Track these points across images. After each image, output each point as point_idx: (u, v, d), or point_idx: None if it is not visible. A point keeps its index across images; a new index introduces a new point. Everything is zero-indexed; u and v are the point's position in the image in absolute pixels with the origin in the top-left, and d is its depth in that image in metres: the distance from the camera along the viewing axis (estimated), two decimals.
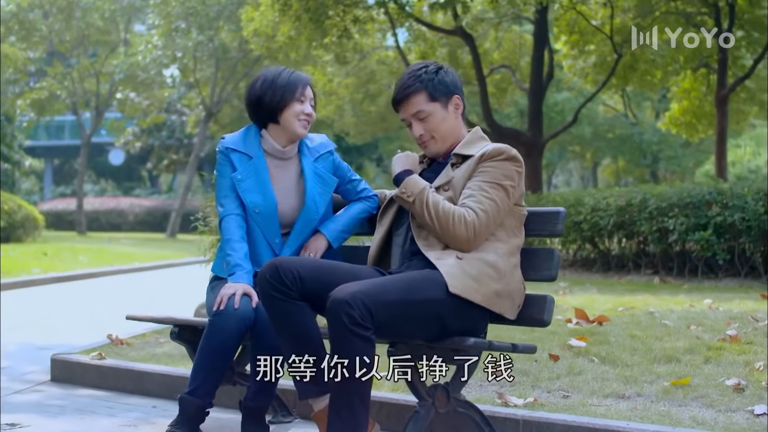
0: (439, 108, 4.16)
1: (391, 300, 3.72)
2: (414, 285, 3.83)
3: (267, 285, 3.92)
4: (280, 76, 4.53)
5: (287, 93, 4.49)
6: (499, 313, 4.01)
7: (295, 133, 4.52)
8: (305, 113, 4.52)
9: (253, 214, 4.50)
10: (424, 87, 4.15)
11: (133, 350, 6.95)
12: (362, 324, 3.62)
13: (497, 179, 3.99)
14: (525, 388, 5.13)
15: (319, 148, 4.69)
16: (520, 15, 23.39)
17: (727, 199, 11.50)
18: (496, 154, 4.03)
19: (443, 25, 22.14)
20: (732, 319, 7.13)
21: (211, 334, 4.24)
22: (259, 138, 4.61)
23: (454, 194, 4.06)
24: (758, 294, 9.73)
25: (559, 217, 4.31)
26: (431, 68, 4.20)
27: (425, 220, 3.99)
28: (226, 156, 4.57)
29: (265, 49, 21.79)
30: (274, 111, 4.50)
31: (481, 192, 3.97)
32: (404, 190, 4.05)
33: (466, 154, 4.13)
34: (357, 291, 3.66)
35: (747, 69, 23.28)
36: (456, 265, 3.89)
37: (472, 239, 3.92)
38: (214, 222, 7.46)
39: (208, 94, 32.99)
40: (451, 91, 4.18)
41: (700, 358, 5.60)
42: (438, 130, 4.18)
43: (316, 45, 18.67)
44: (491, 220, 3.95)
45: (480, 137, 4.23)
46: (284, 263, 3.95)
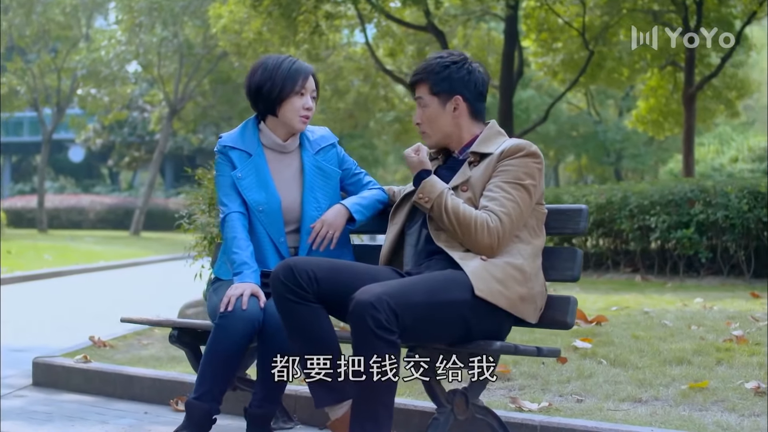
0: (437, 103, 3.97)
1: (416, 302, 3.54)
2: (439, 286, 3.65)
3: (281, 286, 3.73)
4: (281, 66, 4.30)
5: (287, 85, 4.27)
6: (522, 317, 3.83)
7: (294, 127, 4.31)
8: (305, 107, 4.30)
9: (256, 212, 4.29)
10: (428, 78, 3.97)
11: (118, 353, 6.71)
12: (388, 327, 3.44)
13: (518, 178, 3.81)
14: (535, 392, 4.96)
15: (320, 141, 4.48)
16: (488, 12, 23.32)
17: (711, 196, 11.41)
18: (516, 151, 3.85)
19: (412, 22, 21.96)
20: (731, 319, 7.01)
21: (218, 337, 4.03)
22: (257, 133, 4.39)
23: (474, 195, 3.86)
24: (746, 292, 9.63)
25: (581, 215, 4.12)
26: (446, 61, 3.99)
27: (445, 226, 3.82)
28: (224, 155, 4.36)
29: (233, 46, 21.49)
30: (273, 103, 4.29)
31: (502, 194, 3.78)
32: (422, 195, 3.86)
33: (483, 152, 3.93)
34: (382, 293, 3.47)
35: (713, 67, 23.38)
36: (481, 267, 3.71)
37: (495, 246, 3.75)
38: (199, 220, 7.21)
39: (171, 90, 32.62)
40: (454, 89, 3.96)
41: (711, 360, 5.46)
42: (430, 123, 4.01)
43: (287, 42, 18.41)
44: (515, 224, 3.78)
45: (497, 132, 4.03)
46: (299, 263, 3.75)
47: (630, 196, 12.22)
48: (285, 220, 4.32)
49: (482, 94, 4.03)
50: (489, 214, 3.74)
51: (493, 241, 3.73)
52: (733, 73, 25.54)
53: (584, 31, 20.32)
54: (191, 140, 40.05)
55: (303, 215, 4.33)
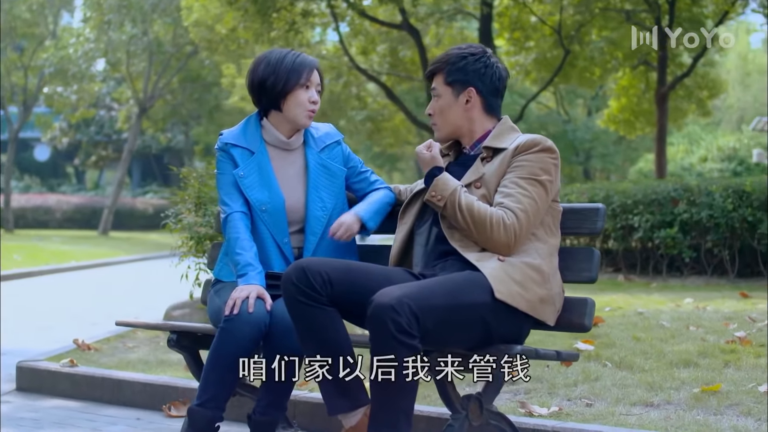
0: (450, 94, 3.86)
1: (437, 305, 3.41)
2: (458, 288, 3.52)
3: (293, 289, 3.58)
4: (285, 59, 4.14)
5: (291, 78, 4.11)
6: (541, 320, 3.70)
7: (299, 122, 4.16)
8: (311, 101, 4.15)
9: (259, 212, 4.13)
10: (443, 68, 3.87)
11: (104, 356, 6.53)
12: (409, 332, 3.31)
13: (534, 174, 3.68)
14: (542, 396, 4.84)
15: (325, 138, 4.32)
16: (462, 10, 23.23)
17: (695, 196, 11.34)
18: (531, 146, 3.72)
19: (386, 20, 21.81)
20: (728, 320, 6.93)
21: (222, 341, 3.86)
22: (259, 130, 4.23)
23: (488, 192, 3.72)
24: (734, 292, 9.57)
25: (599, 214, 3.98)
26: (464, 52, 3.88)
27: (459, 224, 3.68)
28: (226, 152, 4.19)
29: (205, 41, 21.25)
30: (277, 98, 4.13)
31: (518, 190, 3.65)
32: (434, 193, 3.72)
33: (497, 147, 3.80)
34: (402, 295, 3.34)
35: (685, 67, 23.43)
36: (500, 269, 3.58)
37: (512, 244, 3.61)
38: (186, 219, 7.04)
39: (140, 88, 32.29)
40: (468, 81, 3.84)
41: (718, 362, 5.36)
42: (441, 115, 3.90)
43: (261, 39, 18.21)
44: (531, 221, 3.65)
45: (510, 128, 3.90)
46: (312, 265, 3.60)
47: (613, 195, 12.14)
48: (288, 220, 4.17)
49: (498, 90, 3.90)
50: (505, 210, 3.61)
51: (510, 239, 3.60)
52: (704, 73, 25.55)
53: (560, 29, 20.26)
54: (159, 139, 39.73)
55: (307, 215, 4.17)
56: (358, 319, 3.64)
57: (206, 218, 6.95)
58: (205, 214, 7.00)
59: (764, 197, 10.84)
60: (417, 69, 24.97)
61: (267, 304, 3.88)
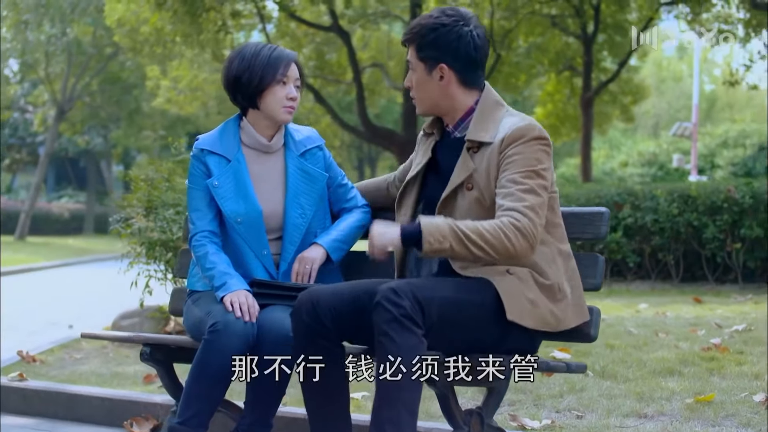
0: (423, 69, 3.51)
1: (444, 297, 3.22)
2: (468, 285, 3.32)
3: (303, 327, 3.39)
4: (260, 54, 3.89)
5: (267, 73, 3.85)
6: (561, 330, 3.50)
7: (278, 119, 3.90)
8: (289, 97, 3.90)
9: (234, 224, 3.87)
10: (414, 42, 3.52)
11: (53, 368, 6.19)
12: (412, 317, 3.12)
13: (529, 165, 3.36)
14: (529, 408, 4.67)
15: (306, 141, 4.06)
16: (390, 13, 23.10)
17: (639, 200, 11.31)
18: (518, 138, 3.38)
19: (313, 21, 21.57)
20: (693, 326, 6.86)
21: (207, 353, 3.61)
22: (238, 133, 3.97)
23: (480, 193, 3.42)
24: (683, 297, 9.57)
25: (603, 218, 3.80)
26: (435, 22, 3.47)
27: (475, 256, 3.29)
28: (200, 160, 3.92)
29: (129, 41, 20.75)
30: (253, 94, 3.88)
31: (516, 187, 3.33)
32: (431, 241, 3.25)
33: (481, 141, 3.45)
34: (407, 283, 3.19)
35: (609, 72, 23.64)
36: (511, 284, 3.33)
37: (534, 244, 3.32)
38: (137, 225, 6.74)
39: (58, 90, 31.53)
40: (439, 57, 3.48)
41: (701, 370, 5.25)
42: (418, 89, 3.56)
43: (190, 40, 17.83)
44: (540, 214, 3.34)
45: (493, 104, 3.53)
46: (322, 300, 3.39)
47: None
48: (267, 228, 3.92)
49: (474, 60, 3.51)
50: (510, 213, 3.31)
51: (531, 241, 3.30)
52: (628, 79, 25.82)
53: (492, 34, 20.22)
54: (77, 142, 38.85)
55: (285, 223, 3.93)
56: (365, 338, 3.42)
57: (158, 223, 6.66)
58: (156, 219, 6.71)
59: (709, 202, 10.84)
60: (344, 72, 24.78)
61: (253, 314, 3.65)
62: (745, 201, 10.69)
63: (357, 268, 4.14)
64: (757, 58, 19.89)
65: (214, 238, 3.89)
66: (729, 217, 10.79)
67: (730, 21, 21.66)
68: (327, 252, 3.91)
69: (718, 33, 21.73)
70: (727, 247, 10.88)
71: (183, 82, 24.34)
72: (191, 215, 3.93)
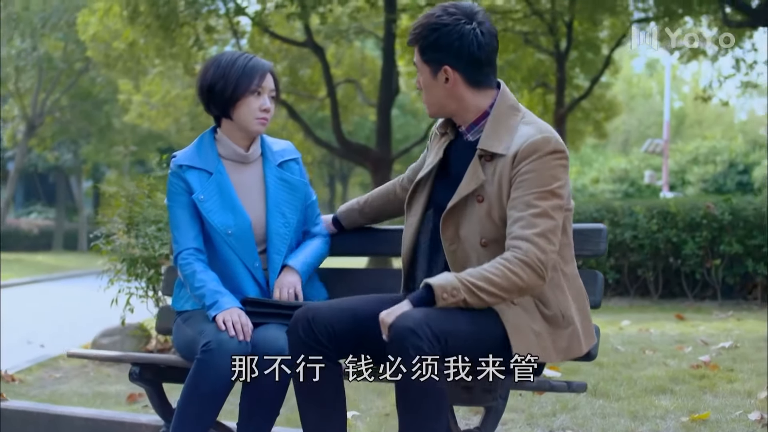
0: (428, 72, 3.36)
1: (459, 329, 3.09)
2: (478, 318, 3.17)
3: (300, 344, 3.28)
4: (236, 63, 3.80)
5: (242, 83, 3.77)
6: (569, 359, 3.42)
7: (250, 130, 3.81)
8: (262, 108, 3.81)
9: (225, 236, 3.78)
10: (417, 43, 3.37)
11: (32, 388, 6.06)
12: (432, 354, 3.01)
13: (543, 185, 3.20)
14: (522, 427, 4.60)
15: (283, 153, 3.98)
16: (364, 29, 23.07)
17: (618, 216, 11.30)
18: (532, 152, 3.21)
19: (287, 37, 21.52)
20: (679, 343, 6.82)
21: (200, 373, 3.52)
22: (214, 145, 3.89)
23: (490, 206, 3.27)
24: (666, 314, 9.53)
25: (601, 235, 3.73)
26: (436, 22, 3.32)
27: (488, 302, 3.15)
28: (179, 177, 3.82)
29: (102, 56, 20.60)
30: (226, 104, 3.79)
31: (529, 211, 3.17)
32: (445, 296, 3.12)
33: (493, 153, 3.29)
34: (424, 318, 3.03)
35: (581, 89, 23.71)
36: (515, 315, 3.22)
37: (545, 276, 3.17)
38: (119, 241, 6.64)
39: (28, 105, 31.27)
40: (441, 59, 3.32)
41: (693, 388, 5.20)
42: (426, 91, 3.41)
43: (163, 54, 17.73)
44: (552, 240, 3.18)
45: (508, 109, 3.36)
46: (318, 316, 3.29)
47: None
48: (255, 240, 3.85)
49: (479, 60, 3.32)
50: (517, 244, 3.15)
51: (540, 272, 3.14)
52: (600, 95, 25.90)
53: None
54: (47, 158, 38.54)
55: (269, 233, 3.84)
56: (368, 352, 3.33)
57: (140, 239, 6.56)
58: (138, 236, 6.61)
59: (689, 218, 10.84)
60: (317, 88, 24.73)
61: (247, 333, 3.57)
62: (725, 217, 10.70)
63: (347, 285, 4.10)
64: (729, 73, 20.03)
65: (200, 255, 3.81)
66: (708, 233, 10.79)
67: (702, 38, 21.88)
68: (300, 275, 3.83)
69: (689, 50, 21.96)
70: (706, 264, 10.88)
71: (155, 98, 24.18)
72: (174, 233, 3.84)
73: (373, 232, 4.10)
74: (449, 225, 3.35)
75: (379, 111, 20.67)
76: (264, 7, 18.51)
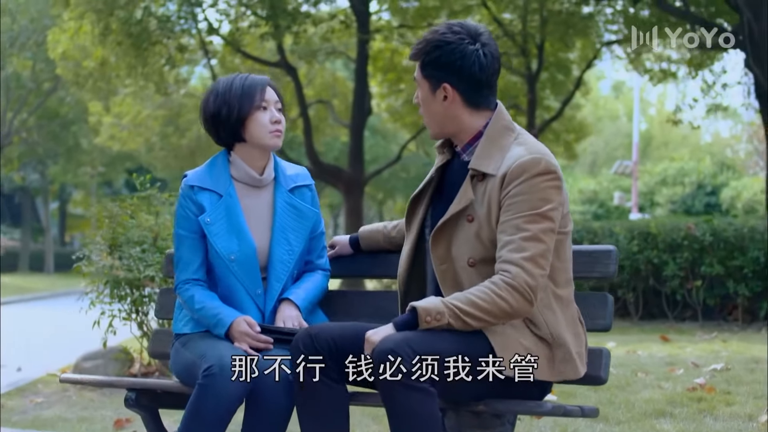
0: (427, 88, 3.31)
1: (441, 349, 3.00)
2: (464, 339, 3.08)
3: (302, 359, 3.19)
4: (233, 86, 3.71)
5: (244, 103, 3.67)
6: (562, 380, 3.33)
7: (266, 145, 3.70)
8: (273, 120, 3.72)
9: (228, 262, 3.67)
10: (418, 58, 3.32)
11: (14, 413, 5.91)
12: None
13: (533, 208, 3.13)
14: None
15: (296, 177, 3.88)
16: (336, 50, 23.04)
17: (598, 238, 11.27)
18: (520, 174, 3.15)
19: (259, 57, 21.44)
20: (670, 365, 6.76)
21: (202, 399, 3.39)
22: (227, 167, 3.79)
23: (479, 226, 3.21)
24: (649, 335, 9.49)
25: (611, 257, 3.64)
26: (439, 40, 3.26)
27: (478, 325, 3.08)
28: (190, 199, 3.71)
29: (73, 75, 20.40)
30: (235, 127, 3.69)
31: (519, 234, 3.10)
32: (429, 320, 3.06)
33: (484, 172, 3.24)
34: (404, 338, 2.98)
35: (552, 110, 23.80)
36: (503, 336, 3.13)
37: (533, 301, 3.10)
38: (101, 263, 6.50)
39: None
40: (441, 76, 3.26)
41: (692, 411, 5.13)
42: (424, 107, 3.36)
43: (134, 73, 17.59)
44: (541, 264, 3.11)
45: (501, 129, 3.30)
46: (321, 333, 3.22)
47: None
48: (260, 266, 3.75)
49: (479, 81, 3.27)
50: (505, 268, 3.09)
51: (528, 296, 3.08)
52: (571, 116, 25.98)
53: None
54: (13, 178, 38.19)
55: (271, 258, 3.74)
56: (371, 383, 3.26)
57: (123, 261, 6.43)
58: (121, 257, 6.48)
59: (670, 239, 10.83)
60: (288, 108, 24.62)
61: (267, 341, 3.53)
62: (705, 238, 10.69)
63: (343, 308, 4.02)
64: (697, 96, 20.16)
65: (200, 283, 3.71)
66: (689, 254, 10.78)
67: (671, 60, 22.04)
68: (300, 310, 3.72)
69: (659, 72, 22.11)
70: (687, 285, 10.86)
71: (126, 118, 24.00)
72: (177, 262, 3.73)
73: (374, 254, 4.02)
74: (440, 244, 3.29)
75: (352, 132, 20.62)
76: (237, 27, 18.42)
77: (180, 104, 24.76)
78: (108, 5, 16.16)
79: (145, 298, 6.55)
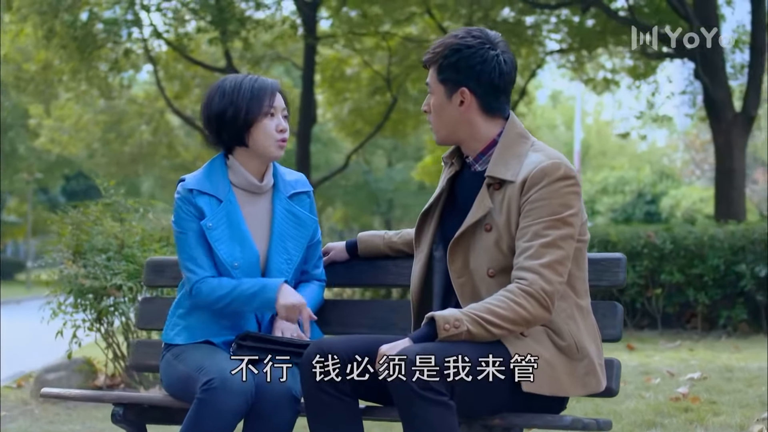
0: (443, 93, 3.22)
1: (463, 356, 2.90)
2: (482, 350, 2.97)
3: (311, 377, 3.06)
4: (242, 86, 3.55)
5: (253, 107, 3.51)
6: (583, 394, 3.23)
7: (269, 155, 3.56)
8: (279, 129, 3.57)
9: (230, 269, 3.51)
10: (435, 62, 3.22)
11: None
12: (434, 387, 2.85)
13: (554, 213, 3.07)
14: None
15: (295, 184, 3.72)
16: (282, 56, 22.90)
17: None
18: (540, 179, 3.09)
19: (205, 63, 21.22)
20: (646, 375, 6.72)
21: (200, 414, 3.24)
22: (226, 172, 3.62)
23: (499, 235, 3.12)
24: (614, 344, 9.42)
25: (620, 265, 3.54)
26: (459, 43, 3.19)
27: (494, 335, 3.01)
28: (189, 202, 3.55)
29: (13, 78, 20.02)
30: (240, 131, 3.53)
31: (539, 241, 3.05)
32: (448, 327, 2.98)
33: (502, 179, 3.16)
34: (421, 348, 2.89)
35: None
36: (524, 348, 3.03)
37: (551, 308, 3.04)
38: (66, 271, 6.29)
39: None
40: (460, 80, 3.18)
41: (681, 422, 5.06)
42: (436, 114, 3.25)
43: (79, 77, 17.30)
44: (560, 271, 3.06)
45: (516, 137, 3.23)
46: (332, 348, 3.08)
47: None
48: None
49: (498, 88, 3.19)
50: (522, 275, 3.03)
51: (545, 304, 3.02)
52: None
53: (390, 80, 20.26)
54: None
55: (269, 266, 3.59)
56: (380, 397, 3.18)
57: (88, 269, 6.21)
58: (86, 265, 6.26)
59: (629, 247, 10.80)
60: None
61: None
62: (666, 246, 10.69)
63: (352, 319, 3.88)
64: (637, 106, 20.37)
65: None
66: (649, 262, 10.76)
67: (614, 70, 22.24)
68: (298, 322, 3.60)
69: (602, 81, 22.31)
70: (647, 293, 10.85)
71: (68, 122, 23.59)
72: (187, 264, 3.55)
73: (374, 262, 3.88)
74: (457, 256, 3.19)
75: (299, 139, 20.45)
76: (186, 32, 18.19)
77: (122, 110, 24.40)
78: (53, 8, 15.88)
79: (111, 307, 6.33)
